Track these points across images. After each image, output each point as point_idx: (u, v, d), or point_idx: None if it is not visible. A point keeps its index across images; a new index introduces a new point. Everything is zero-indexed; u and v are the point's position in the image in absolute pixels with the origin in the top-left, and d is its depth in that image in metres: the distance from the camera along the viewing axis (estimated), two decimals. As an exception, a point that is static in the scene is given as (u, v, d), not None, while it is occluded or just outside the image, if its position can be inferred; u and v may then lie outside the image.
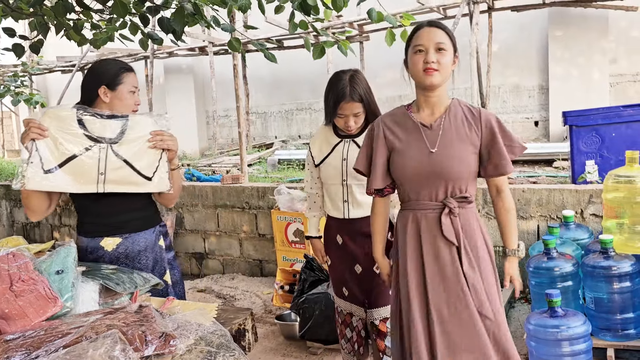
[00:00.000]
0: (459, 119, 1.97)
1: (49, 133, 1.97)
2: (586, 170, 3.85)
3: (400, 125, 2.03)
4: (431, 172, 1.93)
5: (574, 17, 6.86)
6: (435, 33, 1.93)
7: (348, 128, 2.45)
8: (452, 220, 1.94)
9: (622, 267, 2.87)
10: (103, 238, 2.12)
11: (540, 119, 7.51)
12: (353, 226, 2.51)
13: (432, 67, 1.89)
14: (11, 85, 6.53)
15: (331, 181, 2.54)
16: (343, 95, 2.39)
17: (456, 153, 1.92)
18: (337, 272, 2.60)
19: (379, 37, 6.74)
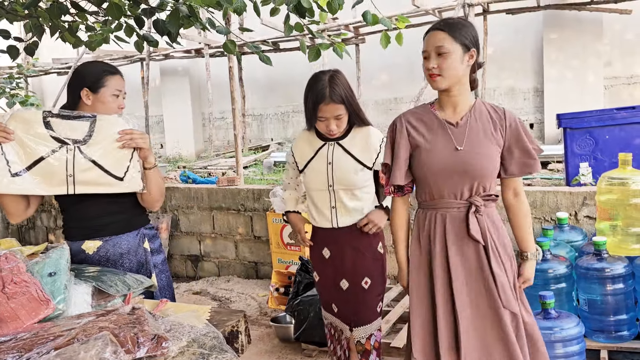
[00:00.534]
0: (484, 117, 1.96)
1: (15, 136, 1.94)
2: (580, 172, 3.87)
3: (425, 122, 2.01)
4: (458, 169, 1.93)
5: (569, 20, 6.90)
6: (435, 37, 1.92)
7: (330, 132, 2.35)
8: (478, 219, 1.94)
9: (615, 269, 2.88)
10: (84, 241, 2.11)
11: (535, 122, 7.53)
12: (342, 236, 2.42)
13: (434, 73, 1.89)
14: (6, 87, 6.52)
15: (316, 187, 2.43)
16: (322, 97, 2.29)
17: (483, 150, 1.92)
18: (325, 289, 2.53)
19: (374, 40, 6.77)
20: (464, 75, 1.93)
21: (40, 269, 1.61)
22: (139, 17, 3.10)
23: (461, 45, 1.89)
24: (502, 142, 1.95)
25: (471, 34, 1.91)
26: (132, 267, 2.14)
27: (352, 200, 2.38)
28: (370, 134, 2.42)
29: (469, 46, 1.90)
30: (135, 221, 2.21)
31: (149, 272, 2.18)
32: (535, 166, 1.97)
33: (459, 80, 1.92)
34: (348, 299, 2.43)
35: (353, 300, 2.42)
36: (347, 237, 2.42)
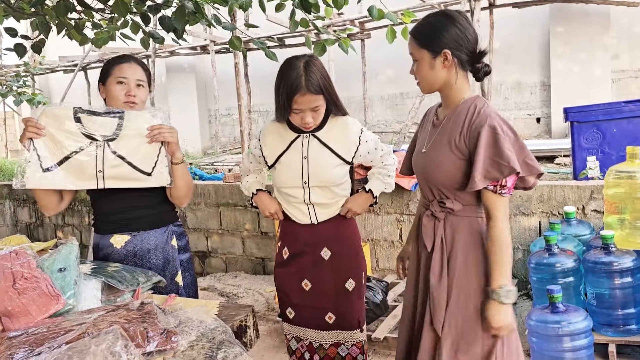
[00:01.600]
0: (458, 121, 1.78)
1: (46, 131, 1.98)
2: (587, 166, 3.85)
3: (429, 116, 1.96)
4: (419, 172, 1.90)
5: (576, 13, 6.85)
6: (408, 42, 1.82)
7: (305, 125, 2.10)
8: (436, 224, 1.83)
9: (624, 263, 2.87)
10: (113, 235, 2.14)
11: (542, 116, 7.50)
12: (320, 232, 2.23)
13: (415, 79, 1.84)
14: (13, 86, 6.55)
15: (289, 184, 2.20)
16: (297, 87, 2.01)
17: (439, 157, 1.79)
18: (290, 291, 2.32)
19: (380, 35, 6.75)
20: (448, 77, 1.77)
21: (50, 264, 1.62)
22: (145, 14, 3.11)
23: (428, 50, 1.75)
24: (467, 151, 1.74)
25: (442, 34, 1.72)
26: (159, 263, 2.15)
27: (328, 197, 2.20)
28: (349, 125, 2.19)
29: (437, 49, 1.73)
30: (164, 218, 2.22)
31: (175, 270, 2.20)
32: (474, 182, 1.67)
33: (441, 84, 1.79)
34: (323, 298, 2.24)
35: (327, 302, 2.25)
36: (324, 236, 2.23)
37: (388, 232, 4.36)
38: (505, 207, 1.72)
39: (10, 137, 13.46)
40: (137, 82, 2.15)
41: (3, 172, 8.63)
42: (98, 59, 9.51)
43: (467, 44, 1.74)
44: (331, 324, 2.25)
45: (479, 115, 1.73)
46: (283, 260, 2.32)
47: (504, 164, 1.65)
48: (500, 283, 1.68)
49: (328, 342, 2.27)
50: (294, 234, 2.28)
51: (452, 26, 1.73)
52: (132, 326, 1.34)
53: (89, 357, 1.11)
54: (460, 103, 1.80)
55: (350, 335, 2.25)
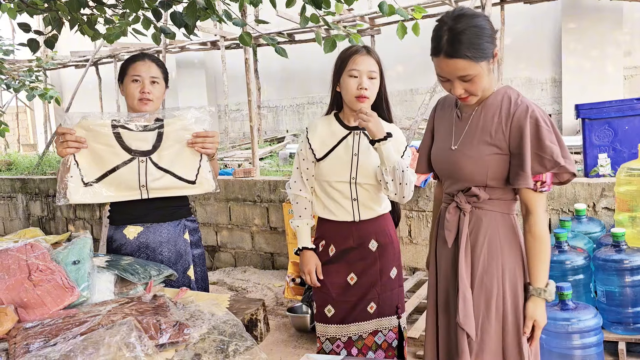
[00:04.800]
0: (491, 112, 1.67)
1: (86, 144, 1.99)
2: (599, 163, 3.83)
3: (446, 110, 1.83)
4: (449, 169, 1.75)
5: (588, 8, 6.79)
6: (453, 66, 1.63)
7: (361, 90, 2.05)
8: (461, 218, 1.73)
9: (634, 261, 2.86)
10: (126, 226, 2.17)
11: (553, 112, 7.45)
12: (364, 229, 2.21)
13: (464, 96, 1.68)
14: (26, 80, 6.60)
15: (336, 178, 2.18)
16: (356, 50, 2.07)
17: (473, 153, 1.67)
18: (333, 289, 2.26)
19: (390, 31, 6.73)
20: (492, 72, 1.67)
21: (65, 257, 1.65)
22: (157, 9, 3.12)
23: (486, 60, 1.60)
24: (506, 144, 1.64)
25: (487, 36, 1.59)
26: (171, 256, 2.18)
27: (373, 199, 2.20)
28: (398, 134, 2.22)
29: (491, 55, 1.61)
30: (178, 212, 2.25)
31: (187, 264, 2.23)
32: (521, 180, 1.60)
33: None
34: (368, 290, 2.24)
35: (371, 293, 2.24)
36: (369, 231, 2.22)
37: (397, 228, 4.36)
38: (545, 202, 1.68)
39: (22, 132, 13.58)
40: (152, 79, 2.18)
41: (16, 166, 8.72)
42: (109, 54, 9.56)
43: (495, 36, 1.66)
44: (372, 313, 2.25)
45: (518, 106, 1.64)
46: (329, 258, 2.26)
47: (547, 157, 1.59)
48: (546, 280, 1.68)
49: (367, 331, 2.26)
50: (339, 231, 2.24)
51: (486, 23, 1.62)
52: (145, 318, 1.36)
53: (103, 348, 1.13)
54: (490, 95, 1.69)
55: (388, 322, 2.27)
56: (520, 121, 1.61)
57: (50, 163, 8.10)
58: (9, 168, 8.65)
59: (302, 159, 2.26)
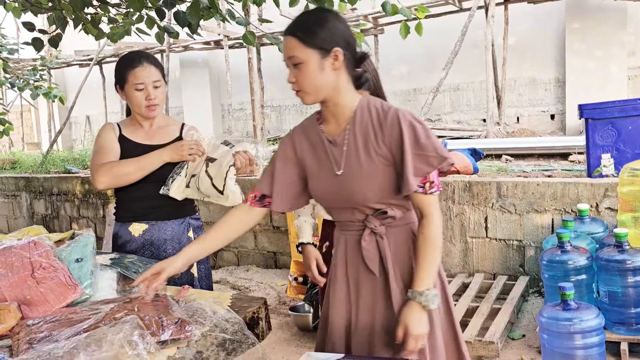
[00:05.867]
0: (365, 127, 1.56)
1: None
2: (602, 163, 3.83)
3: (310, 139, 1.66)
4: (341, 196, 1.59)
5: (592, 8, 6.77)
6: (286, 44, 1.54)
7: None
8: (378, 242, 1.60)
9: (637, 261, 2.85)
10: (132, 223, 2.20)
11: (556, 112, 7.44)
12: None
13: (295, 88, 1.55)
14: (30, 79, 6.63)
15: None
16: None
17: (364, 173, 1.55)
18: None
19: (393, 30, 6.73)
20: (337, 81, 1.54)
21: (68, 255, 1.66)
22: (160, 9, 3.14)
23: (316, 49, 1.49)
24: (389, 152, 1.54)
25: (331, 30, 1.51)
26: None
27: None
28: None
29: (327, 48, 1.50)
30: (182, 209, 2.28)
31: None
32: (407, 185, 1.49)
33: (330, 90, 1.54)
34: None
35: None
36: None
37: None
38: (438, 203, 1.58)
39: (27, 130, 13.63)
40: (154, 84, 2.15)
41: (20, 164, 8.75)
42: (113, 53, 9.59)
43: (353, 43, 1.56)
44: None
45: (387, 112, 1.55)
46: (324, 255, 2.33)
47: (432, 155, 1.50)
48: (429, 285, 1.52)
49: None
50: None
51: (337, 21, 1.54)
52: (147, 315, 1.37)
53: (106, 345, 1.14)
54: (355, 109, 1.58)
55: None
56: (395, 127, 1.52)
57: (54, 162, 8.12)
58: (13, 166, 8.68)
59: None
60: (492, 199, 4.01)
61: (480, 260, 4.12)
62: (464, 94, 7.96)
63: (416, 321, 1.49)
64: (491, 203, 4.01)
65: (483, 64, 6.48)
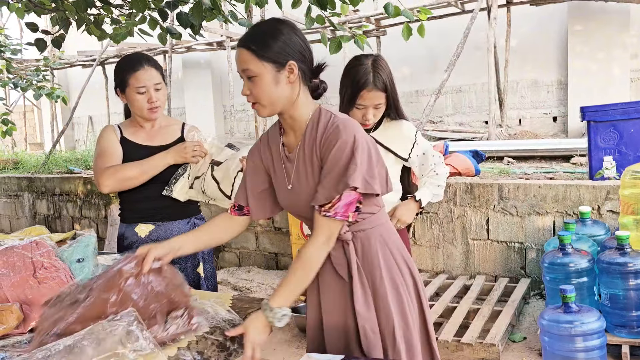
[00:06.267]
0: (311, 141, 1.55)
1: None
2: (604, 166, 3.82)
3: (271, 149, 1.66)
4: (296, 208, 1.63)
5: (594, 11, 6.77)
6: (239, 57, 1.51)
7: (365, 122, 2.17)
8: (345, 248, 1.59)
9: (639, 264, 2.84)
10: (138, 224, 2.22)
11: (558, 115, 7.43)
12: None
13: (250, 101, 1.54)
14: (33, 80, 6.65)
15: None
16: (365, 83, 2.10)
17: (310, 187, 1.54)
18: None
19: (395, 32, 6.73)
20: (292, 94, 1.53)
21: (69, 255, 1.67)
22: (163, 10, 3.15)
23: (271, 62, 1.48)
24: None
25: (285, 43, 1.49)
26: None
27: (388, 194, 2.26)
28: (404, 125, 2.29)
29: (281, 61, 1.48)
30: (187, 210, 2.30)
31: (197, 261, 2.28)
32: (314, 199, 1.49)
33: (286, 103, 1.53)
34: None
35: None
36: None
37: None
38: (330, 230, 1.50)
39: (29, 131, 13.66)
40: (155, 86, 2.15)
41: (22, 164, 8.77)
42: (116, 54, 9.61)
43: (309, 55, 1.55)
44: None
45: (327, 129, 1.52)
46: None
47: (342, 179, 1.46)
48: (283, 304, 1.48)
49: None
50: None
51: (292, 34, 1.51)
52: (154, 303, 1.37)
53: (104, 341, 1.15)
54: (307, 123, 1.57)
55: None
56: (331, 142, 1.49)
57: (57, 162, 8.14)
58: (16, 167, 8.70)
59: None
60: (494, 201, 4.00)
61: (481, 262, 4.11)
62: (466, 96, 7.96)
63: (256, 330, 1.46)
64: (493, 205, 4.01)
65: (485, 66, 6.48)
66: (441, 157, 2.35)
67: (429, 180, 2.34)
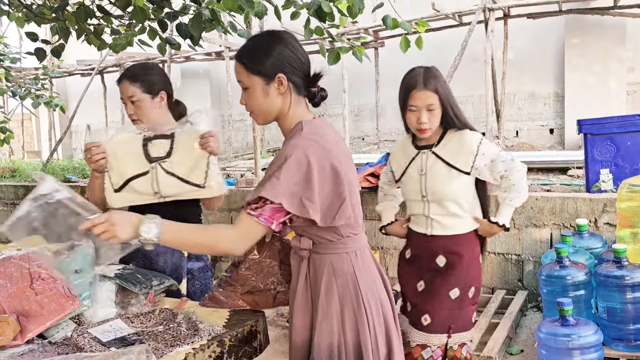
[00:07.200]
0: None
1: (115, 156, 2.09)
2: (601, 178, 3.83)
3: None
4: None
5: (591, 24, 6.82)
6: (235, 69, 1.60)
7: (420, 125, 2.17)
8: (300, 263, 1.66)
9: (636, 277, 2.85)
10: None
11: (555, 127, 7.47)
12: (436, 242, 2.27)
13: (247, 110, 1.62)
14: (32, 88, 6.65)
15: (412, 197, 2.31)
16: (415, 84, 2.16)
17: None
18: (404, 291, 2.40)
19: (394, 43, 6.77)
20: (283, 105, 1.59)
21: (66, 266, 1.66)
22: (163, 20, 3.16)
23: (260, 76, 1.55)
24: None
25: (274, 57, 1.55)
26: (167, 267, 2.20)
27: (446, 217, 2.24)
28: (466, 136, 2.23)
29: (270, 74, 1.54)
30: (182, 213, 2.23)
31: (180, 277, 2.24)
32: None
33: (277, 113, 1.61)
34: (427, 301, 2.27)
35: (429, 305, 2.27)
36: (438, 246, 2.27)
37: (398, 240, 4.34)
38: (248, 228, 1.51)
39: (27, 139, 13.64)
40: (129, 99, 2.19)
41: (20, 173, 8.75)
42: (115, 63, 9.64)
43: (301, 66, 1.59)
44: (424, 326, 2.28)
45: (290, 140, 1.57)
46: (406, 260, 2.42)
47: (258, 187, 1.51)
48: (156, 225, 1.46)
49: (415, 341, 2.29)
50: (416, 239, 2.36)
51: (282, 47, 1.57)
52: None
53: None
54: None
55: (438, 339, 2.27)
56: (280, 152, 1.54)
57: (54, 170, 8.12)
58: (13, 175, 8.67)
59: (385, 173, 2.53)
60: (491, 213, 4.00)
61: (478, 274, 4.11)
62: (463, 108, 7.92)
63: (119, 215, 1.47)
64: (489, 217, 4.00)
65: (482, 78, 6.51)
66: (514, 160, 2.27)
67: (507, 196, 2.29)
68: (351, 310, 1.60)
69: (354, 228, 1.63)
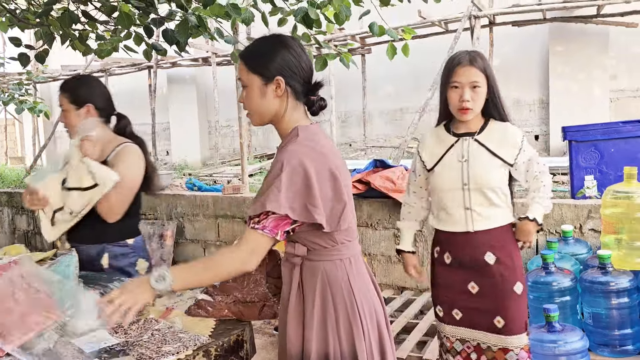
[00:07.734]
0: None
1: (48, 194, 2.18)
2: (585, 185, 3.87)
3: None
4: None
5: (575, 32, 6.92)
6: (238, 65, 1.65)
7: (462, 104, 2.07)
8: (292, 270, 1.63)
9: (620, 283, 2.88)
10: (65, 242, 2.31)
11: (540, 133, 7.54)
12: (480, 238, 2.16)
13: (244, 109, 1.65)
14: (15, 94, 6.57)
15: (448, 186, 2.17)
16: (460, 60, 2.07)
17: None
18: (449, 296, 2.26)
19: (380, 50, 6.81)
20: (279, 108, 1.59)
21: (50, 275, 1.63)
22: (148, 26, 3.13)
23: (259, 75, 1.57)
24: None
25: (275, 60, 1.56)
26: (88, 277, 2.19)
27: (487, 207, 2.15)
28: (509, 128, 2.20)
29: (269, 76, 1.56)
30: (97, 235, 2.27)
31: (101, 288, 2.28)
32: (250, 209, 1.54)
33: (273, 116, 1.61)
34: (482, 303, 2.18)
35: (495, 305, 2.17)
36: (484, 243, 2.16)
37: (385, 247, 4.36)
38: (255, 243, 1.52)
39: (10, 144, 13.47)
40: (61, 107, 2.33)
41: (3, 179, 8.63)
42: (100, 68, 9.57)
43: (302, 72, 1.59)
44: (500, 328, 2.19)
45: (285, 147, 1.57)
46: (447, 265, 2.26)
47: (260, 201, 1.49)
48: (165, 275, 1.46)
49: (497, 345, 2.20)
50: (454, 241, 2.23)
51: (285, 51, 1.58)
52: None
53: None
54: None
55: (519, 340, 2.20)
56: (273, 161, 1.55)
57: (38, 177, 8.01)
58: (-5, 181, 8.55)
59: (412, 171, 2.36)
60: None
61: (465, 280, 4.11)
62: (449, 114, 8.04)
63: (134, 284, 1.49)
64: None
65: (469, 84, 6.56)
66: (546, 165, 2.27)
67: (537, 195, 2.26)
68: (346, 318, 1.58)
69: (349, 234, 1.62)
